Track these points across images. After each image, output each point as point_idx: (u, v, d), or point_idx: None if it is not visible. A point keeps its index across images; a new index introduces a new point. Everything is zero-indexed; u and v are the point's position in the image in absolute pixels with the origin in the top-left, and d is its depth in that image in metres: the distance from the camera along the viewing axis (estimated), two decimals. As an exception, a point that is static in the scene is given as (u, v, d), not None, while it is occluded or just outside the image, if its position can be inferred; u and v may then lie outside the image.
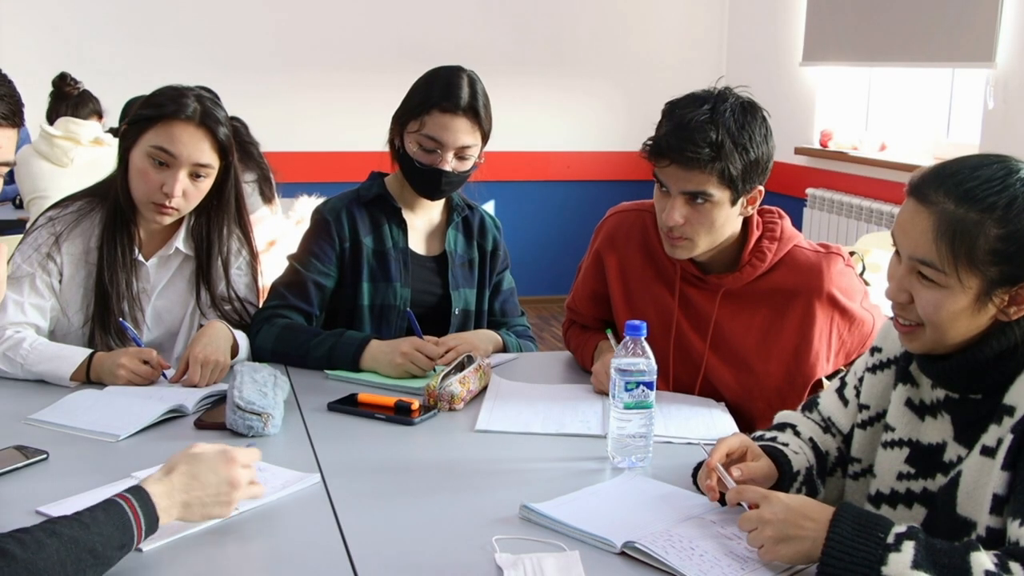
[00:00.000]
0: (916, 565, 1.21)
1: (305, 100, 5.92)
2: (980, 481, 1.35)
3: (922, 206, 1.35)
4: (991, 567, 1.19)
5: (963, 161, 1.37)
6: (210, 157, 2.16)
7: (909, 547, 1.22)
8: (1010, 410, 1.33)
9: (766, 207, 2.10)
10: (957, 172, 1.35)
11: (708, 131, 1.87)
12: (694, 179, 1.90)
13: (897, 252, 1.42)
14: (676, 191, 1.93)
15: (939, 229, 1.33)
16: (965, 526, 1.36)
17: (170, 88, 2.20)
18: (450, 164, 2.31)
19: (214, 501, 1.39)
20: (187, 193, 2.16)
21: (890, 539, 1.23)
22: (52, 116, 4.28)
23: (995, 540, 1.31)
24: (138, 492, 1.34)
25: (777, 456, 1.52)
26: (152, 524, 1.33)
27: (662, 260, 2.12)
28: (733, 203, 1.95)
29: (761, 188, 1.99)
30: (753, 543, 1.34)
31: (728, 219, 1.97)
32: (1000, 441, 1.33)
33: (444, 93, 2.29)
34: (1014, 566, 1.19)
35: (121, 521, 1.29)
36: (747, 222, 2.05)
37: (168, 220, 2.20)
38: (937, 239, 1.33)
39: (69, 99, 4.25)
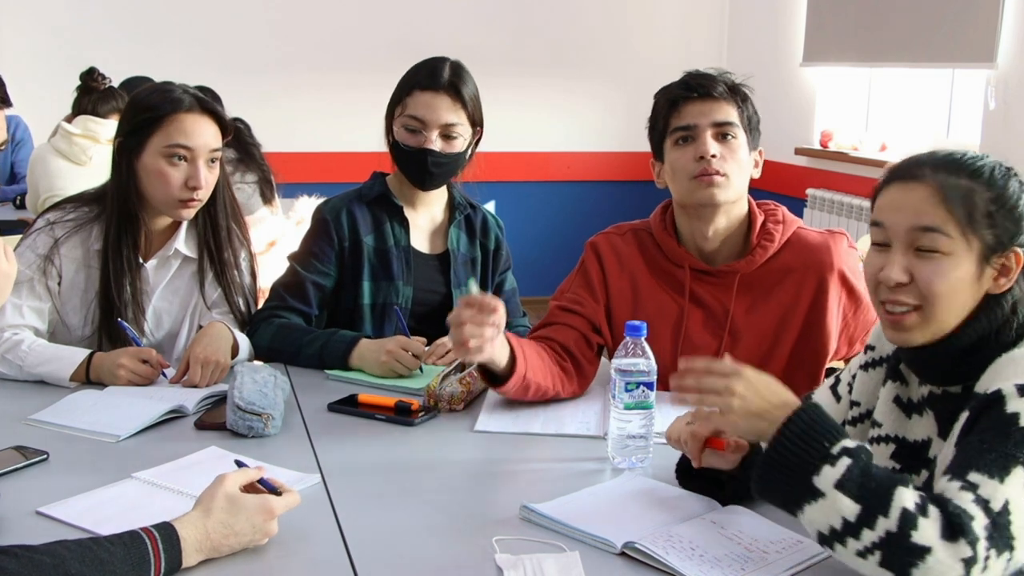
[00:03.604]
0: (840, 486, 1.21)
1: (305, 101, 5.92)
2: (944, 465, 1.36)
3: (913, 182, 1.40)
4: (910, 506, 1.18)
5: (932, 150, 1.45)
6: (218, 141, 2.20)
7: (843, 465, 1.23)
8: (978, 397, 1.34)
9: (763, 201, 2.14)
10: (933, 153, 1.43)
11: (723, 75, 2.06)
12: (721, 109, 2.02)
13: (876, 245, 1.43)
14: (706, 124, 2.01)
15: (941, 194, 1.37)
16: None
17: (149, 90, 2.21)
18: (435, 143, 2.32)
19: (243, 546, 1.36)
20: (208, 182, 2.18)
21: (835, 450, 1.24)
22: (76, 111, 4.24)
23: None
24: (168, 534, 1.29)
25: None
26: (173, 568, 1.29)
27: (667, 267, 2.11)
28: (749, 151, 2.05)
29: (762, 150, 2.11)
30: (711, 403, 1.35)
31: (748, 167, 2.06)
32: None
33: (425, 74, 2.33)
34: (932, 510, 1.18)
35: (140, 560, 1.25)
36: (749, 210, 2.09)
37: (193, 213, 2.22)
38: (944, 203, 1.37)
39: (96, 92, 4.21)
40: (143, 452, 1.73)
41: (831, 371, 2.16)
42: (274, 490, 1.42)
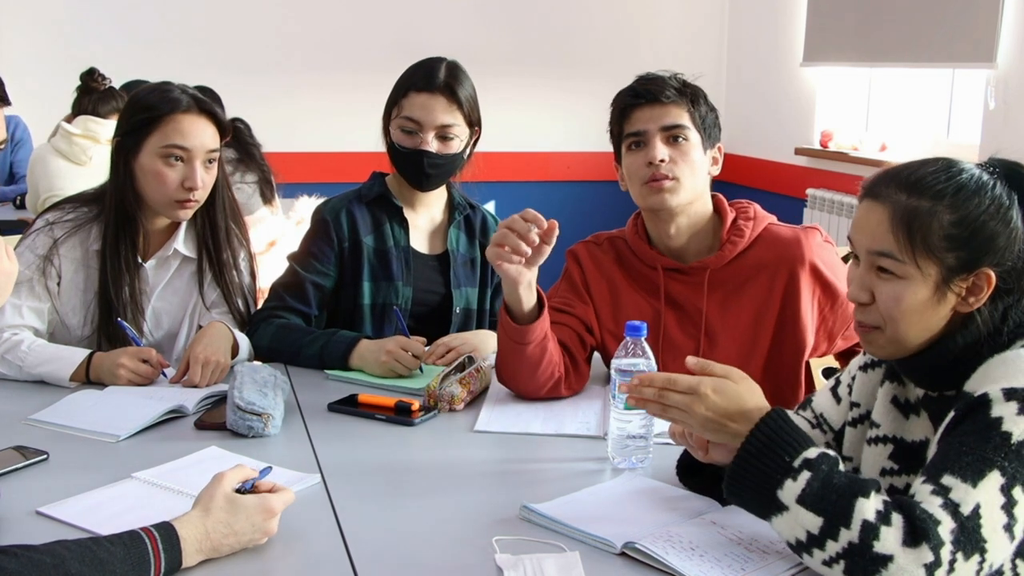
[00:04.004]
0: (802, 500, 1.23)
1: (305, 101, 5.91)
2: None
3: (875, 202, 1.40)
4: (871, 516, 1.19)
5: (911, 162, 1.43)
6: (215, 141, 2.19)
7: (803, 478, 1.24)
8: (966, 397, 1.34)
9: (736, 200, 2.16)
10: (904, 169, 1.41)
11: (673, 77, 2.07)
12: (670, 113, 2.03)
13: (855, 257, 1.44)
14: (655, 129, 2.02)
15: (893, 219, 1.36)
16: None
17: (148, 90, 2.21)
18: (432, 145, 2.32)
19: (243, 545, 1.36)
20: (205, 182, 2.18)
21: (796, 463, 1.25)
22: (76, 111, 4.23)
23: None
24: (168, 534, 1.29)
25: None
26: (173, 568, 1.29)
27: (643, 270, 2.13)
28: (704, 150, 2.06)
29: (721, 147, 2.11)
30: (669, 417, 1.40)
31: (703, 167, 2.06)
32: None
33: (420, 76, 2.33)
34: (895, 518, 1.19)
35: (140, 560, 1.25)
36: (720, 208, 2.11)
37: (190, 213, 2.21)
38: (893, 229, 1.36)
39: (96, 93, 4.21)
40: (143, 452, 1.73)
41: (831, 371, 2.16)
42: (251, 491, 1.41)
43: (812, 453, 1.26)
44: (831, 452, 1.28)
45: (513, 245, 1.87)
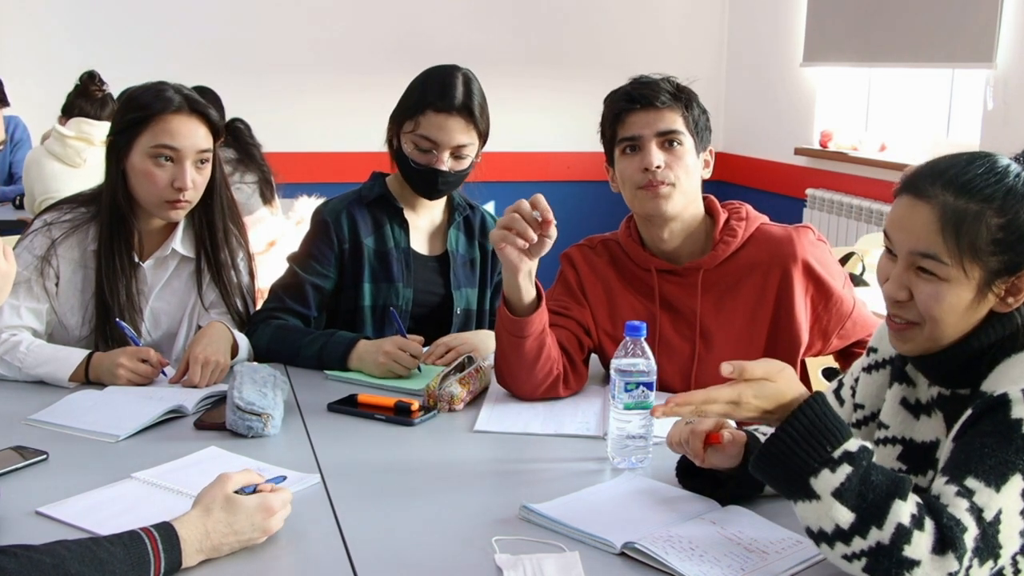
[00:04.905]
0: (838, 494, 1.20)
1: (305, 101, 5.91)
2: None
3: (920, 200, 1.36)
4: (906, 520, 1.18)
5: (954, 158, 1.39)
6: (208, 142, 2.19)
7: (843, 472, 1.22)
8: (984, 397, 1.33)
9: (728, 201, 2.16)
10: (951, 167, 1.37)
11: (666, 80, 2.06)
12: (665, 118, 2.01)
13: (888, 251, 1.42)
14: (650, 134, 2.01)
15: (942, 221, 1.33)
16: None
17: (142, 89, 2.20)
18: (446, 164, 2.32)
19: (243, 544, 1.36)
20: (195, 183, 2.17)
21: (837, 454, 1.23)
22: (69, 112, 4.21)
23: None
24: (168, 534, 1.29)
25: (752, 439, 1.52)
26: (173, 568, 1.29)
27: (637, 273, 2.13)
28: (697, 153, 2.05)
29: (712, 149, 2.11)
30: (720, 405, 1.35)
31: (696, 170, 2.06)
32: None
33: (438, 93, 2.30)
34: (928, 524, 1.18)
35: (140, 560, 1.25)
36: (712, 209, 2.10)
37: (182, 214, 2.20)
38: (941, 231, 1.33)
39: (92, 100, 4.20)
40: (143, 452, 1.73)
41: (831, 372, 2.16)
42: (254, 491, 1.40)
43: (853, 445, 1.24)
44: (869, 445, 1.26)
45: (520, 229, 1.88)
